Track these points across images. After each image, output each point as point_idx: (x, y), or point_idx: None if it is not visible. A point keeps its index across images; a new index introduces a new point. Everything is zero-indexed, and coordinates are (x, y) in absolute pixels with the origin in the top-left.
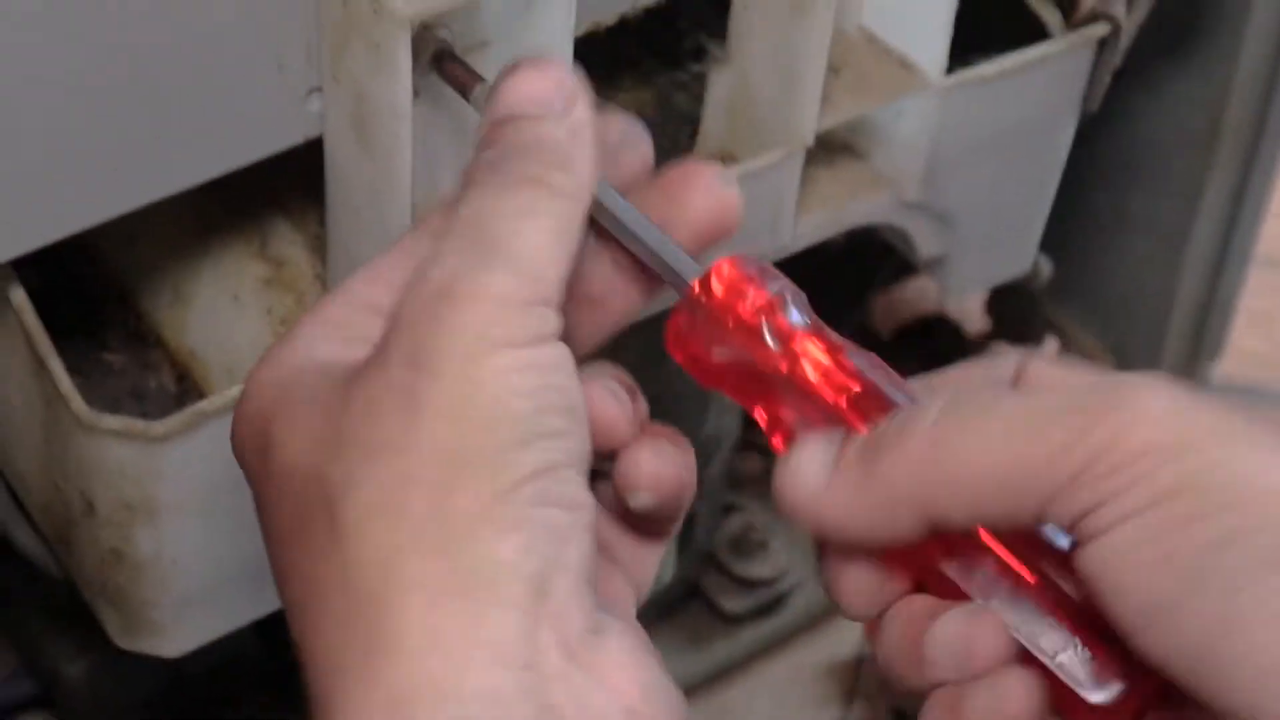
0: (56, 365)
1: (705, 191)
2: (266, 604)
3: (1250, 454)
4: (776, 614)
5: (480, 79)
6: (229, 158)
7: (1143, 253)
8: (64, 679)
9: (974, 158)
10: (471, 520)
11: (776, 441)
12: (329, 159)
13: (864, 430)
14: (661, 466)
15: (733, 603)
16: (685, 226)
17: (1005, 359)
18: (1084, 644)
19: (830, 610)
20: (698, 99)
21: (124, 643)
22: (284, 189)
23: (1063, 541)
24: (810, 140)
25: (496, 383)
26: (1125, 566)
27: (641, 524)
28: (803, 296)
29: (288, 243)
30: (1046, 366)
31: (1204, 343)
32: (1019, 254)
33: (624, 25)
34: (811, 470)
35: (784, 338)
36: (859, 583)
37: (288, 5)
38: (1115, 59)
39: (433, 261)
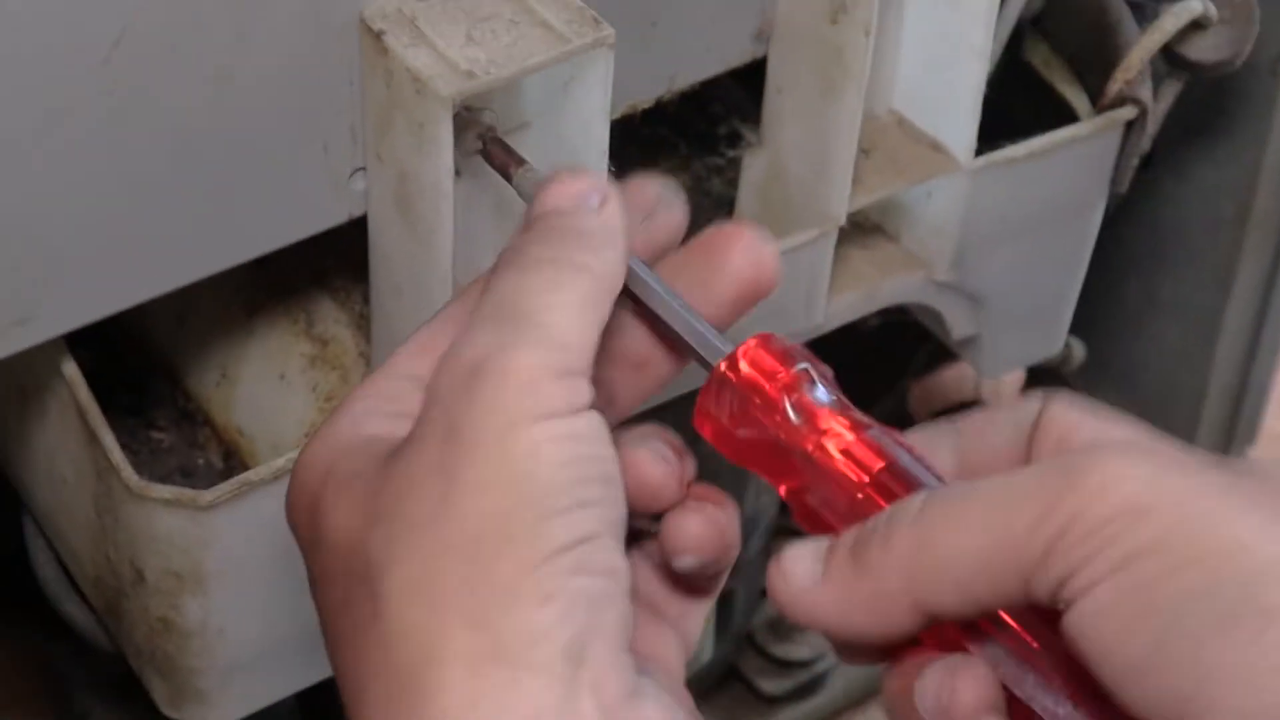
0: (108, 437)
1: (744, 252)
2: (311, 674)
3: (1217, 510)
4: (814, 696)
5: (522, 161)
6: (276, 236)
7: (1175, 338)
8: None
9: (1004, 238)
10: (508, 591)
11: (800, 520)
12: (373, 237)
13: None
14: (705, 530)
15: (771, 684)
16: (725, 287)
17: (1029, 403)
18: (1079, 705)
19: (868, 692)
20: (732, 183)
21: (171, 712)
22: (329, 268)
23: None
24: (843, 220)
25: (531, 455)
26: (1103, 627)
27: (687, 582)
28: (829, 375)
29: (332, 321)
30: (1065, 410)
31: (1238, 428)
32: (1051, 334)
33: (660, 110)
34: (801, 569)
35: (808, 415)
36: (866, 657)
37: (333, 87)
38: (1143, 143)
39: (464, 338)
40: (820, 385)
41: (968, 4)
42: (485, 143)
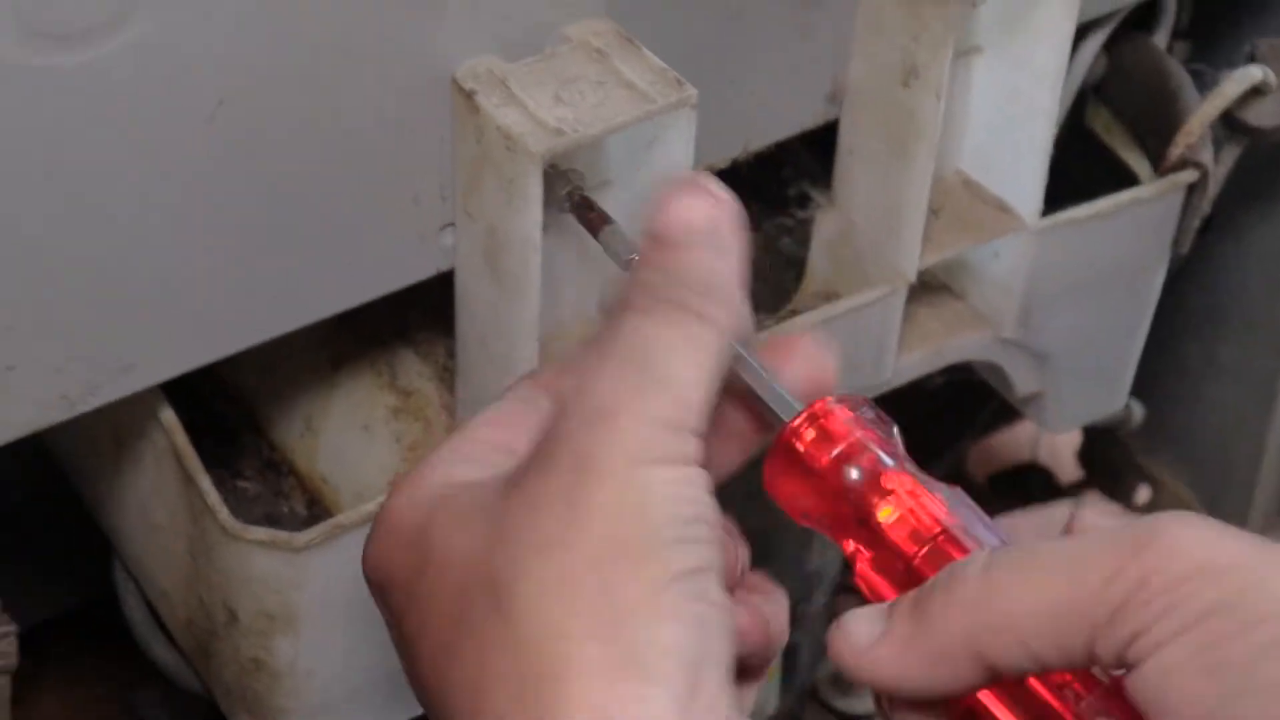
0: (204, 480)
1: (805, 358)
2: (401, 715)
3: None
4: None
5: (609, 220)
6: (367, 289)
7: (1233, 401)
8: None
9: (1068, 297)
10: (635, 607)
11: (859, 581)
12: (460, 291)
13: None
14: (750, 623)
15: None
16: (787, 386)
17: (1058, 509)
18: None
19: None
20: (802, 243)
21: None
22: (412, 322)
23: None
24: (912, 277)
25: (653, 489)
26: (1171, 685)
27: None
28: (895, 438)
29: (416, 374)
30: (1096, 515)
31: None
32: (1114, 391)
33: (733, 172)
34: (863, 629)
35: (870, 477)
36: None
37: (425, 145)
38: (1204, 205)
39: (591, 379)
40: (883, 451)
41: (1036, 66)
42: (573, 201)
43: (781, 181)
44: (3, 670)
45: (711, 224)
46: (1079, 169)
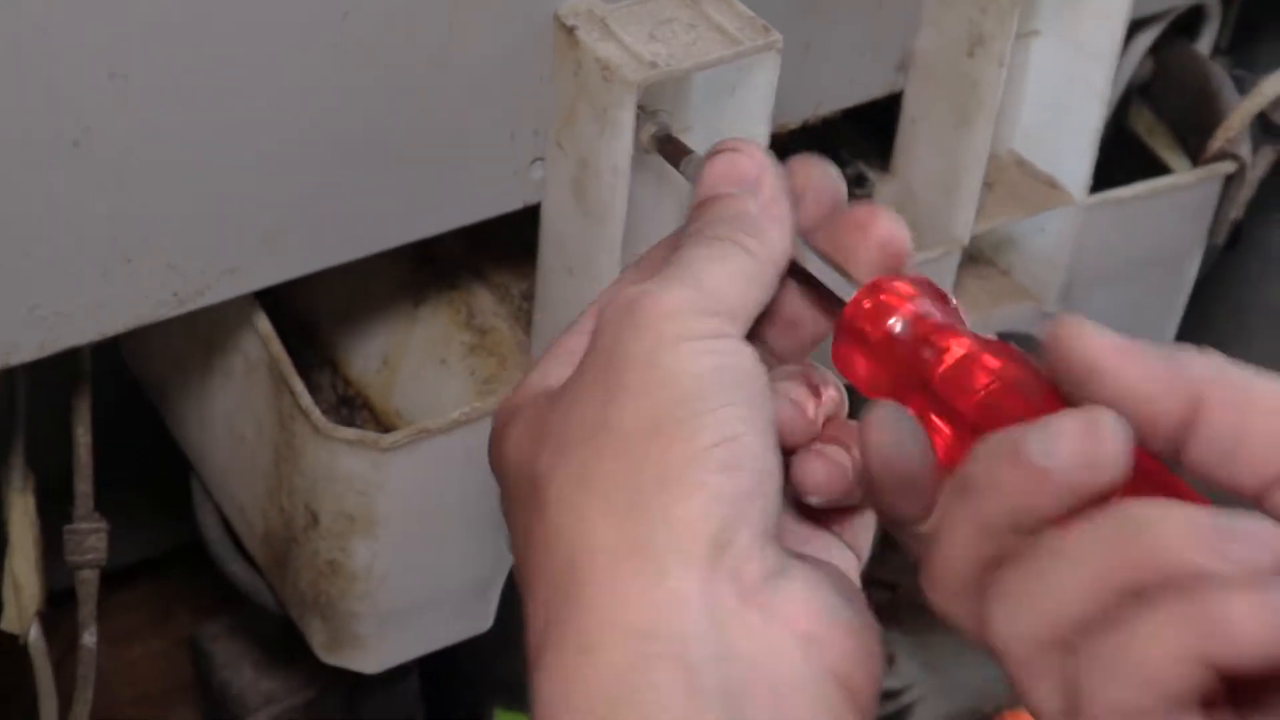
0: (297, 383)
1: (882, 227)
2: (461, 629)
3: None
4: None
5: (689, 151)
6: (460, 215)
7: None
8: None
9: (1110, 276)
10: (656, 488)
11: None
12: (545, 223)
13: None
14: (827, 474)
15: None
16: (864, 254)
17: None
18: None
19: None
20: None
21: (327, 657)
22: (489, 265)
23: None
24: (966, 240)
25: (676, 364)
26: None
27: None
28: (953, 306)
29: (491, 314)
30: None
31: None
32: None
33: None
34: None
35: (928, 342)
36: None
37: (524, 80)
38: (1240, 201)
39: (628, 285)
40: (941, 313)
41: (1091, 46)
42: (659, 138)
43: (840, 162)
44: (93, 565)
45: (746, 177)
46: (1122, 171)
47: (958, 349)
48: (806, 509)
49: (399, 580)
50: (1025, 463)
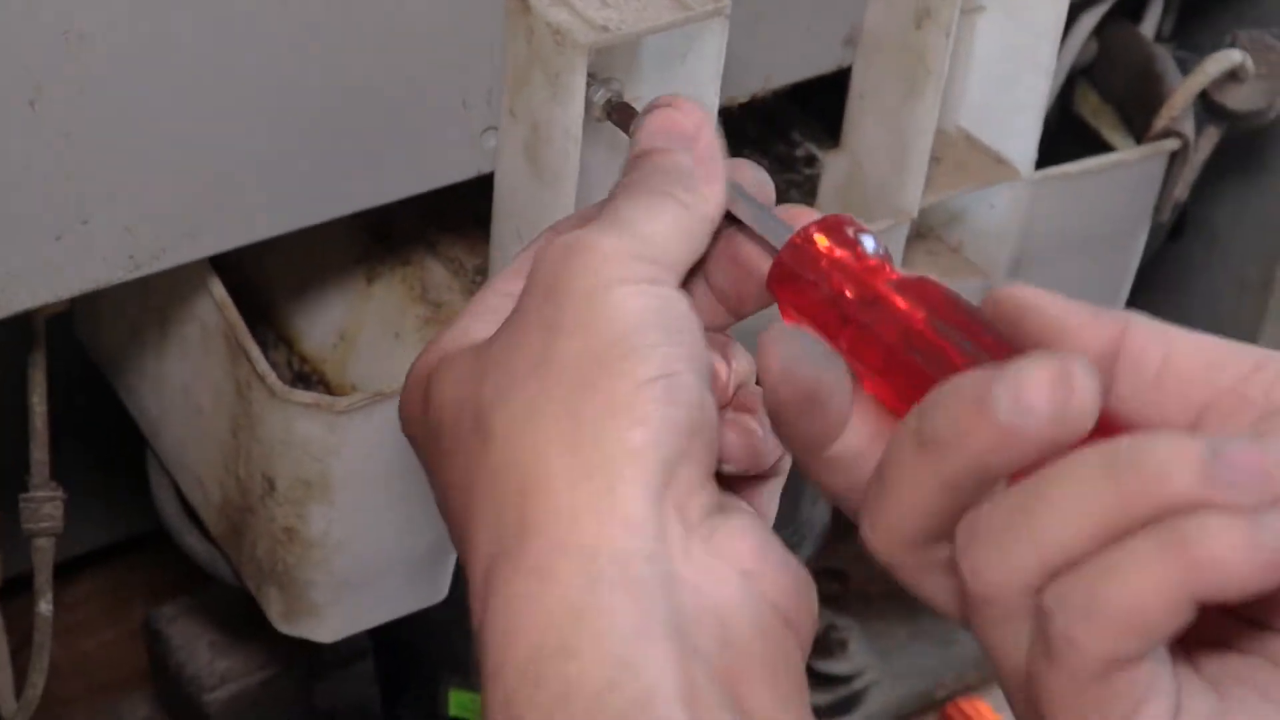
0: (254, 349)
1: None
2: (417, 599)
3: None
4: (854, 711)
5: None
6: (414, 183)
7: None
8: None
9: (1058, 252)
10: (603, 417)
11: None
12: (499, 191)
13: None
14: (738, 442)
15: (812, 698)
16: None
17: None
18: None
19: (908, 708)
20: (810, 196)
21: (284, 627)
22: (441, 241)
23: None
24: (915, 212)
25: (617, 305)
26: None
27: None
28: (881, 246)
29: (445, 288)
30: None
31: None
32: None
33: (745, 133)
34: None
35: (861, 275)
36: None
37: (475, 48)
38: (1186, 175)
39: (563, 230)
40: (873, 243)
41: (1036, 21)
42: (610, 105)
43: (791, 143)
44: (49, 533)
45: (683, 132)
46: (1068, 154)
47: (885, 284)
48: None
49: (355, 547)
50: (992, 418)
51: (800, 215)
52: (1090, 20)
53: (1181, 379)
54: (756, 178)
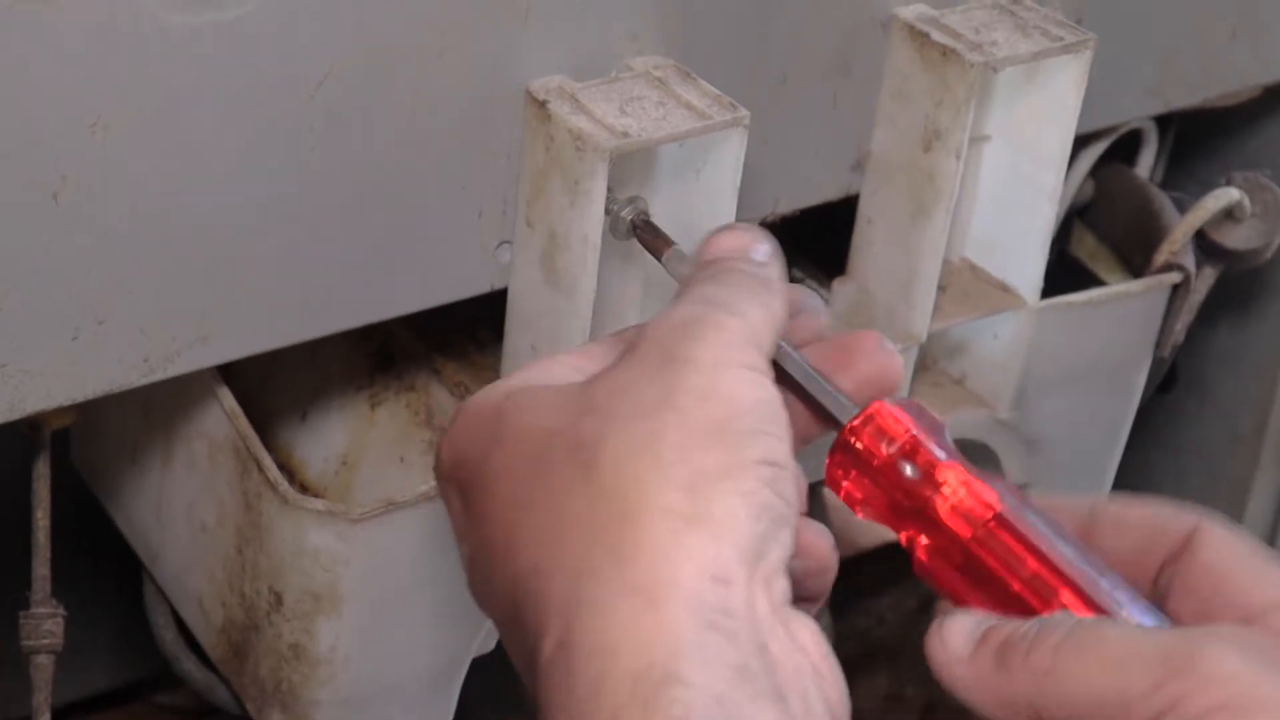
0: (265, 457)
1: (871, 354)
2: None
3: None
4: None
5: (672, 243)
6: (426, 296)
7: None
8: None
9: (1061, 383)
10: (714, 476)
11: (917, 572)
12: (513, 302)
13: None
14: (811, 539)
15: None
16: (852, 384)
17: (1178, 515)
18: None
19: None
20: None
21: None
22: (446, 367)
23: None
24: (924, 336)
25: (738, 383)
26: None
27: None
28: (947, 436)
29: (450, 411)
30: (1220, 546)
31: None
32: (1094, 493)
33: None
34: (957, 642)
35: (926, 471)
36: None
37: (494, 158)
38: (1186, 309)
39: (671, 310)
40: (937, 443)
41: (1041, 149)
42: (637, 224)
43: (792, 279)
44: (48, 650)
45: (748, 248)
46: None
47: (956, 482)
48: None
49: (363, 664)
50: None
51: (866, 341)
52: (1086, 161)
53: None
54: (814, 298)
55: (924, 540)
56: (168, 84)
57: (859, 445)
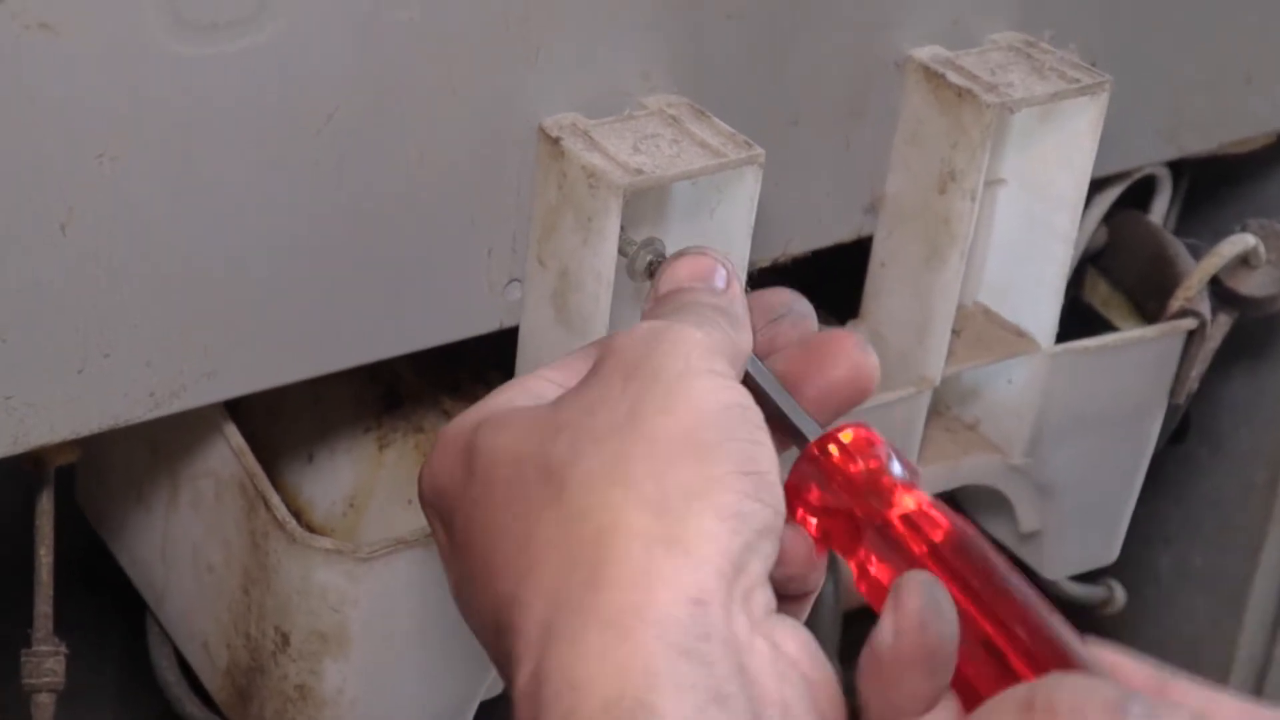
0: (273, 495)
1: (846, 356)
2: None
3: None
4: None
5: None
6: (435, 334)
7: (1205, 608)
8: None
9: (1075, 430)
10: (687, 493)
11: (864, 591)
12: (524, 341)
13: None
14: (796, 541)
15: None
16: (827, 384)
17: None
18: None
19: None
20: None
21: None
22: (455, 409)
23: None
24: (938, 379)
25: (706, 392)
26: None
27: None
28: (908, 461)
29: None
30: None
31: (1263, 696)
32: (1107, 542)
33: None
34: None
35: (883, 491)
36: None
37: (505, 195)
38: (1202, 356)
39: (634, 326)
40: (898, 464)
41: (1056, 192)
42: (654, 266)
43: None
44: (50, 689)
45: (708, 275)
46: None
47: (913, 503)
48: None
49: (370, 705)
50: None
51: (843, 340)
52: (1100, 207)
53: None
54: (799, 308)
55: (874, 562)
56: (175, 116)
57: (822, 462)
